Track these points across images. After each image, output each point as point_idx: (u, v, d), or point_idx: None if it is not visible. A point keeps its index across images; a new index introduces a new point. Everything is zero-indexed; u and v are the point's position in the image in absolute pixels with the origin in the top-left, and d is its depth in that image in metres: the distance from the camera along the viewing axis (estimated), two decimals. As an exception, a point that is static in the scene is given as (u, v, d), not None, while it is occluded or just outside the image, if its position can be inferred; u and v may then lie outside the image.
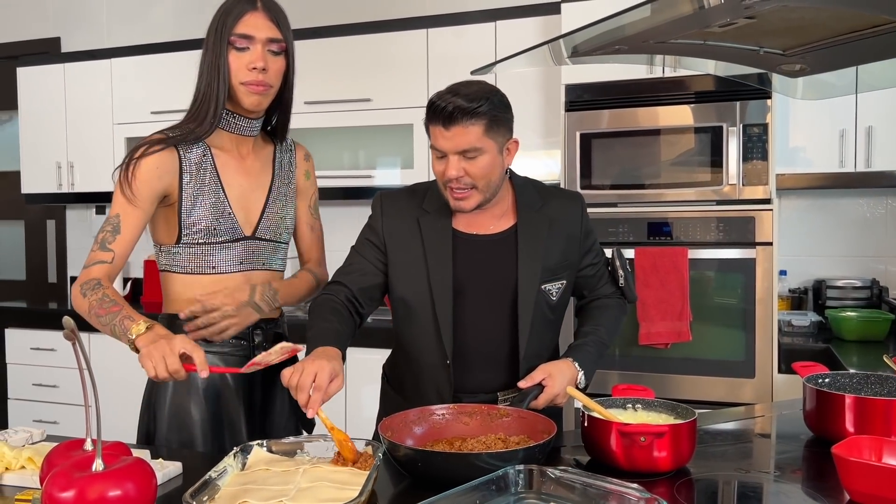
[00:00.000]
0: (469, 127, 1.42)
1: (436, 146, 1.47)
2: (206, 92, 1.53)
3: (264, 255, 1.64)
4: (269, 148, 1.70)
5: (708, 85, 2.59)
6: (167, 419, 1.55)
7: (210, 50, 1.53)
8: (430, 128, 1.47)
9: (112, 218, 1.50)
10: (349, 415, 3.05)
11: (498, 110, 1.46)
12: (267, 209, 1.64)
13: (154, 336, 1.33)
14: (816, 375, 1.51)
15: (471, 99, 1.42)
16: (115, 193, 1.52)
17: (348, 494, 1.08)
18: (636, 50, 1.36)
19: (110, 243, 1.48)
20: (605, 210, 2.65)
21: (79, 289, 1.45)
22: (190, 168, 1.54)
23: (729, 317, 2.52)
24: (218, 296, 1.51)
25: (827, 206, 3.04)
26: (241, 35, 1.50)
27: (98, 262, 1.47)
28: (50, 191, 3.83)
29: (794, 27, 1.22)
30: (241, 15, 1.51)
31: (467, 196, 1.49)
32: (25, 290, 4.43)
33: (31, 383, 3.59)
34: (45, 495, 0.94)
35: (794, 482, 1.28)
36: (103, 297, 1.41)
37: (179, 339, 1.32)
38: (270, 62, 1.53)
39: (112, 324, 1.38)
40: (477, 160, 1.46)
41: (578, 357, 1.54)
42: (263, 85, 1.53)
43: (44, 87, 3.80)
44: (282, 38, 1.54)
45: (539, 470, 1.10)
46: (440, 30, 3.13)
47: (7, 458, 1.26)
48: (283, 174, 1.69)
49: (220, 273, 1.58)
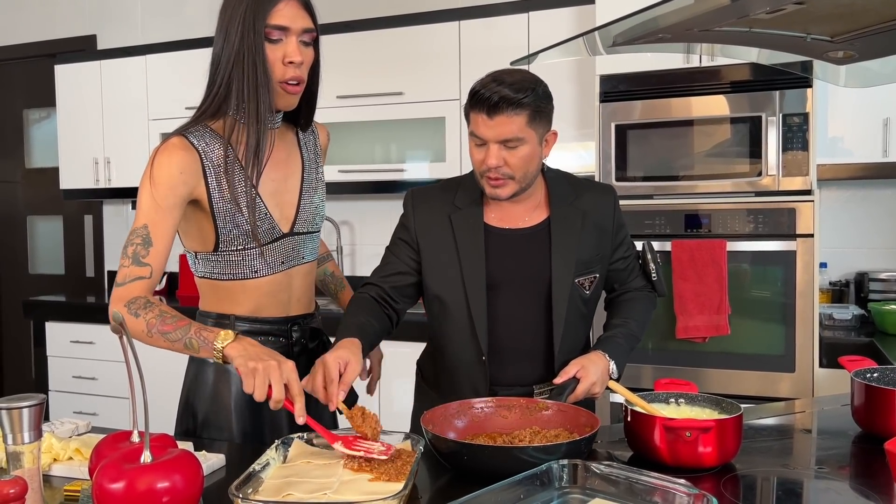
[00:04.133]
0: (513, 117, 1.41)
1: (476, 133, 1.46)
2: (242, 89, 1.41)
3: (303, 249, 1.59)
4: (291, 133, 1.60)
5: (744, 74, 2.54)
6: (207, 413, 1.54)
7: (240, 39, 1.40)
8: (472, 115, 1.46)
9: (139, 229, 1.40)
10: (382, 408, 3.06)
11: (541, 101, 1.45)
12: (302, 201, 1.57)
13: (246, 346, 1.29)
14: (864, 370, 1.47)
15: (516, 89, 1.41)
16: (139, 202, 1.42)
17: (392, 487, 1.08)
18: (679, 39, 1.33)
19: (144, 257, 1.38)
20: (641, 202, 2.62)
21: (125, 309, 1.36)
22: (214, 170, 1.45)
23: (768, 310, 2.48)
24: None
25: (869, 197, 2.97)
26: (276, 26, 1.40)
27: (137, 279, 1.38)
28: (87, 186, 3.90)
29: (844, 13, 1.19)
30: (273, 4, 1.40)
31: (503, 184, 1.48)
32: (65, 284, 4.51)
33: (72, 375, 3.66)
34: (96, 486, 0.95)
35: (842, 479, 1.25)
36: (162, 313, 1.34)
37: (290, 369, 1.26)
38: (304, 53, 1.44)
39: (186, 338, 1.32)
40: (518, 150, 1.45)
41: (608, 349, 1.53)
42: (300, 81, 1.46)
43: (81, 84, 3.87)
44: (314, 27, 1.45)
45: (583, 465, 1.09)
46: (472, 22, 3.11)
47: (55, 449, 1.28)
48: (310, 158, 1.62)
49: (264, 276, 1.53)
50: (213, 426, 1.53)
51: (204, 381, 1.55)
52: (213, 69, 1.48)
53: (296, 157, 1.60)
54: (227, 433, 1.52)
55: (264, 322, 1.54)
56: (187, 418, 1.57)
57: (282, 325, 1.57)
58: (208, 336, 1.31)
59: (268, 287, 1.54)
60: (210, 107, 1.47)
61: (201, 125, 1.47)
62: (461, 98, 3.13)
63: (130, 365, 0.99)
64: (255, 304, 1.53)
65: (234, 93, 1.43)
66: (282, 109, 1.50)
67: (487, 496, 1.00)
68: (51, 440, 1.28)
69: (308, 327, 1.63)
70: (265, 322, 1.54)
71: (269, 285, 1.54)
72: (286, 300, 1.58)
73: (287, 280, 1.57)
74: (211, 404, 1.54)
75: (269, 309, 1.55)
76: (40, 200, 4.56)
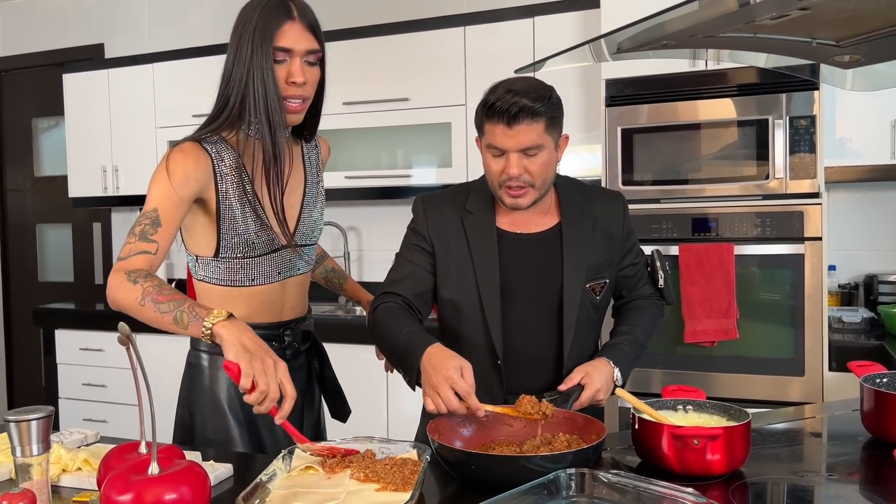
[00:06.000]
0: (532, 125, 1.43)
1: (495, 144, 1.46)
2: (257, 104, 1.45)
3: (299, 261, 1.63)
4: (297, 147, 1.64)
5: (751, 77, 2.54)
6: (204, 416, 1.56)
7: (251, 59, 1.44)
8: (489, 126, 1.46)
9: (149, 212, 1.41)
10: (390, 414, 3.06)
11: (556, 108, 1.47)
12: (302, 215, 1.61)
13: (238, 328, 1.26)
14: (874, 375, 1.46)
15: (533, 98, 1.42)
16: (150, 192, 1.43)
17: (399, 497, 1.08)
18: (684, 45, 1.33)
19: (152, 235, 1.39)
20: (648, 206, 2.61)
21: (123, 276, 1.34)
22: (224, 176, 1.49)
23: (777, 314, 2.47)
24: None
25: (878, 199, 2.96)
26: (280, 48, 1.44)
27: (142, 253, 1.37)
28: (95, 194, 3.92)
29: (849, 17, 1.18)
30: (278, 26, 1.43)
31: (524, 193, 1.49)
32: (73, 292, 4.54)
33: (81, 383, 3.68)
34: (104, 498, 0.95)
35: (852, 485, 1.24)
36: (160, 284, 1.33)
37: (283, 370, 1.25)
38: (308, 74, 1.48)
39: (178, 311, 1.29)
40: (537, 157, 1.46)
41: (613, 355, 1.53)
42: (303, 100, 1.49)
43: (88, 92, 3.89)
44: (319, 48, 1.49)
45: (591, 473, 1.08)
46: (477, 27, 3.11)
47: (64, 460, 1.28)
48: (312, 172, 1.66)
49: (259, 285, 1.56)
50: (210, 430, 1.55)
51: (200, 386, 1.57)
52: (223, 85, 1.50)
53: (299, 172, 1.63)
54: (224, 436, 1.54)
55: (257, 327, 1.55)
56: (185, 423, 1.59)
57: (274, 331, 1.59)
58: (200, 312, 1.29)
59: (262, 296, 1.57)
60: (225, 122, 1.49)
61: (215, 135, 1.50)
62: (467, 103, 3.13)
63: (138, 376, 1.00)
64: (249, 311, 1.56)
65: (247, 110, 1.46)
66: (287, 125, 1.52)
67: (495, 506, 1.00)
68: (59, 451, 1.28)
69: (300, 331, 1.66)
70: (258, 327, 1.55)
71: (264, 294, 1.57)
72: (279, 308, 1.61)
73: (281, 290, 1.60)
74: (207, 409, 1.56)
75: (262, 315, 1.58)
76: (49, 208, 4.59)
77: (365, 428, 1.49)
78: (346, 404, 1.78)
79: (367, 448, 1.26)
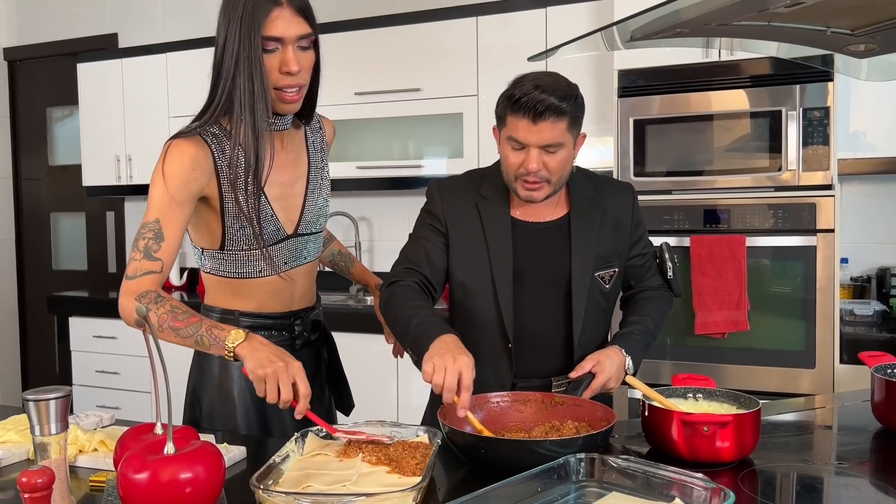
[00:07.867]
0: (556, 123, 1.44)
1: (517, 138, 1.46)
2: (243, 99, 1.40)
3: (306, 250, 1.61)
4: (300, 132, 1.60)
5: (764, 68, 2.52)
6: (213, 403, 1.57)
7: (238, 50, 1.38)
8: (512, 120, 1.46)
9: (151, 224, 1.40)
10: (400, 404, 3.08)
11: (580, 109, 1.49)
12: (307, 204, 1.58)
13: (256, 345, 1.30)
14: (885, 365, 1.46)
15: (561, 97, 1.43)
16: (151, 196, 1.41)
17: (410, 480, 1.09)
18: (697, 33, 1.33)
19: (155, 252, 1.39)
20: (660, 198, 2.60)
21: (135, 302, 1.37)
22: (225, 169, 1.45)
23: (788, 306, 2.46)
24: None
25: (892, 192, 2.94)
26: (269, 38, 1.38)
27: (148, 273, 1.39)
28: (109, 183, 3.95)
29: (864, 5, 1.18)
30: (266, 14, 1.36)
31: (539, 188, 1.50)
32: (87, 280, 4.58)
33: (94, 370, 3.72)
34: (121, 477, 0.97)
35: (862, 475, 1.25)
36: (173, 309, 1.36)
37: (297, 369, 1.28)
38: (301, 60, 1.42)
39: (197, 335, 1.34)
40: (557, 154, 1.47)
41: (624, 344, 1.55)
42: (299, 87, 1.44)
43: (102, 82, 3.92)
44: (311, 31, 1.42)
45: (600, 459, 1.09)
46: (489, 17, 3.11)
47: (80, 441, 1.30)
48: (316, 157, 1.62)
49: (267, 276, 1.55)
50: (219, 417, 1.56)
51: (209, 373, 1.58)
52: (214, 75, 1.46)
53: (303, 159, 1.60)
54: (232, 423, 1.55)
55: (268, 317, 1.58)
56: (194, 409, 1.60)
57: (285, 320, 1.60)
58: (220, 335, 1.33)
59: (271, 286, 1.57)
60: (216, 113, 1.45)
61: (215, 125, 1.46)
62: (479, 94, 3.13)
63: (154, 358, 1.01)
64: (258, 302, 1.57)
65: (236, 101, 1.42)
66: (284, 114, 1.50)
67: (504, 489, 1.01)
68: (76, 432, 1.30)
69: (310, 320, 1.66)
70: (268, 317, 1.58)
71: (272, 284, 1.57)
72: (289, 297, 1.61)
73: (289, 279, 1.59)
74: (216, 395, 1.57)
75: (272, 305, 1.58)
76: (63, 197, 4.63)
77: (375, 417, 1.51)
78: (351, 397, 1.79)
79: (381, 432, 1.27)
